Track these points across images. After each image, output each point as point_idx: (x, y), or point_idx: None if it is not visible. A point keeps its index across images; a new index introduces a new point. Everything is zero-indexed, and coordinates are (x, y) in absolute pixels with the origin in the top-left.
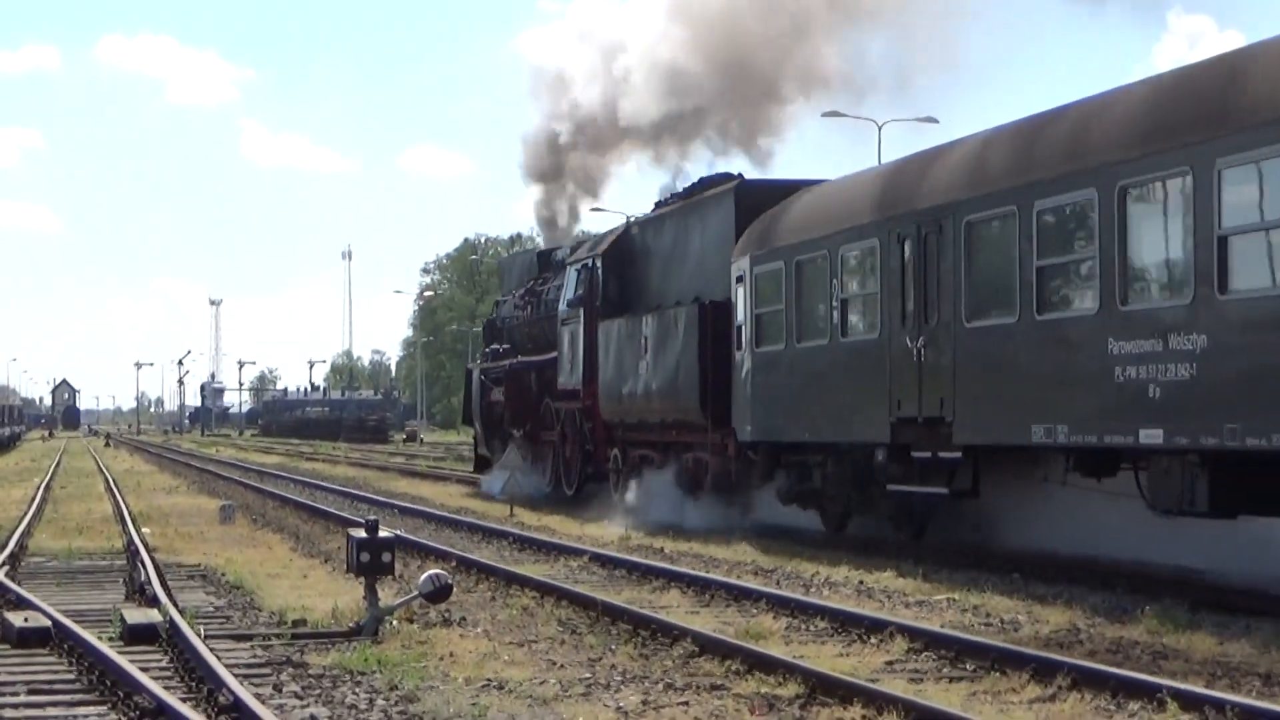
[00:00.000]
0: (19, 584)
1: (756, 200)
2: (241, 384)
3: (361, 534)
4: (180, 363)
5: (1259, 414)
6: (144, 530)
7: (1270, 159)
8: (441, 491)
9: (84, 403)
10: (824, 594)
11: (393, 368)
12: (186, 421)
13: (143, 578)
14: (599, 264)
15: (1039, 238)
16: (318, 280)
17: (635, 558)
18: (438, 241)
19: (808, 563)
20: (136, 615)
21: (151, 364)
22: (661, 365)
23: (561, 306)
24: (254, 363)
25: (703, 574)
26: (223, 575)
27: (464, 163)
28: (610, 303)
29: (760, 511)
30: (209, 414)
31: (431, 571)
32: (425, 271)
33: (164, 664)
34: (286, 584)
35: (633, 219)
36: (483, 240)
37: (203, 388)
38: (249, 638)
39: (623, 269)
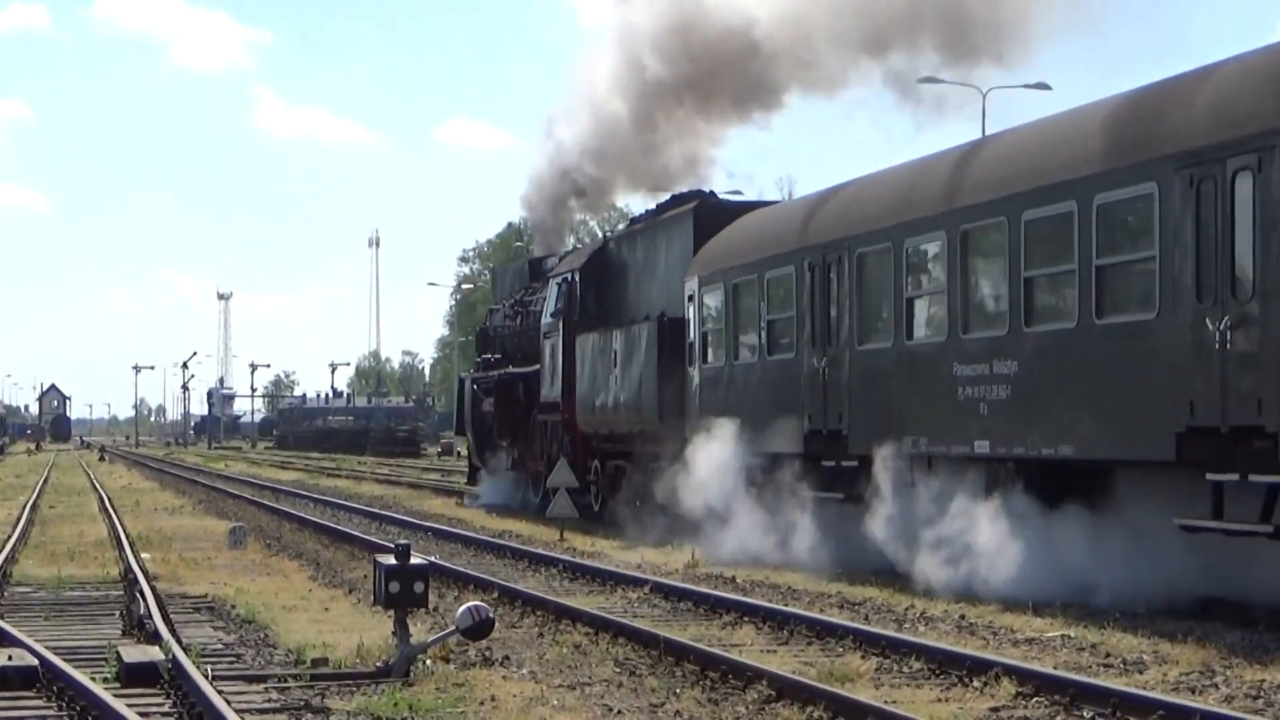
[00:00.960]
0: (2, 617)
1: (715, 220)
2: (254, 390)
3: (391, 561)
4: (185, 366)
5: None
6: (143, 556)
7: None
8: (480, 513)
9: (75, 411)
10: (919, 630)
11: (426, 371)
12: (191, 432)
13: (142, 610)
14: (577, 278)
15: (909, 272)
16: (341, 271)
17: (703, 588)
18: (478, 226)
19: (901, 595)
20: (135, 653)
21: (152, 367)
22: (628, 378)
23: (544, 319)
24: (268, 365)
25: (780, 607)
26: (233, 608)
27: (508, 137)
28: (588, 316)
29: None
30: (217, 424)
31: (470, 604)
32: (463, 260)
33: (166, 709)
34: (305, 618)
35: (609, 234)
36: (528, 224)
37: (210, 394)
38: (262, 679)
39: (600, 283)
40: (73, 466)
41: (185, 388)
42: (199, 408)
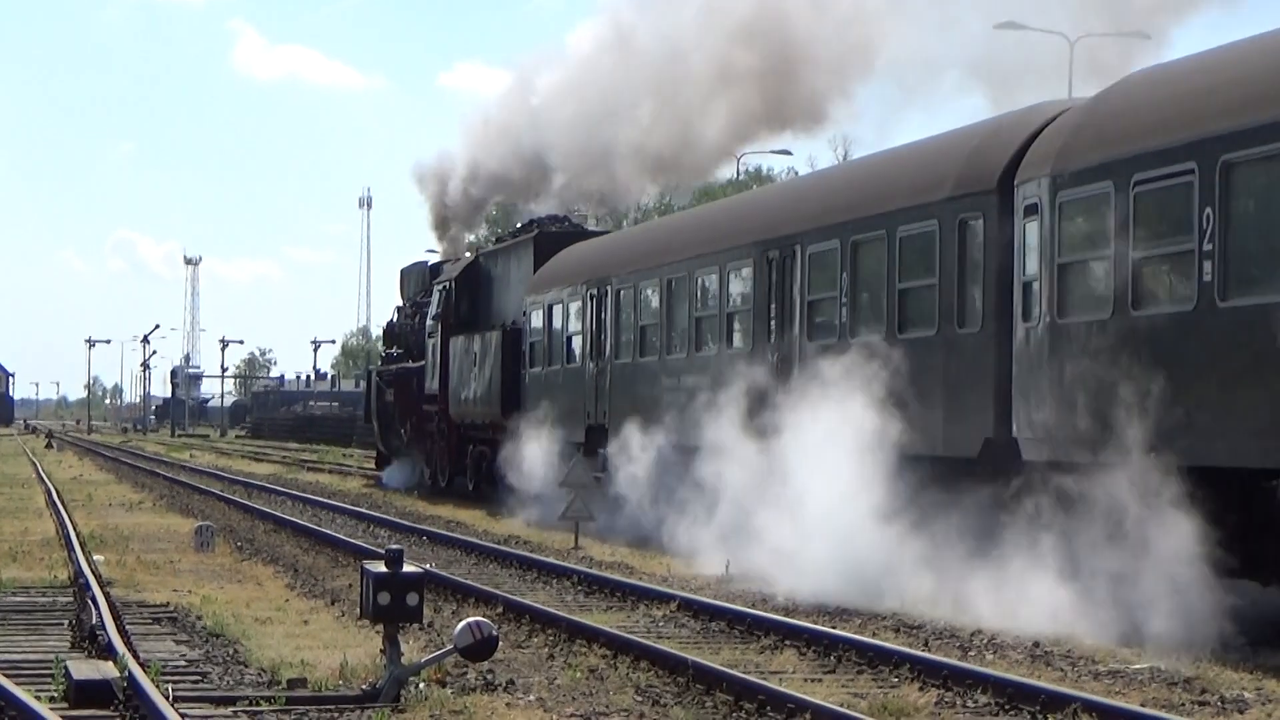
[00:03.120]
0: None
1: (553, 247)
2: (224, 369)
3: (380, 568)
4: (145, 340)
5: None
6: (96, 558)
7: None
8: (484, 515)
9: (19, 391)
10: (987, 658)
11: None
12: (152, 417)
13: (94, 620)
14: (453, 286)
15: (646, 304)
16: (327, 235)
17: (738, 606)
18: None
19: (966, 617)
20: (85, 669)
21: (108, 341)
22: (483, 376)
23: (428, 320)
24: (241, 342)
25: (827, 629)
26: (198, 619)
27: None
28: (460, 320)
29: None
30: (181, 407)
31: (471, 620)
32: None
33: None
34: (281, 631)
35: (480, 250)
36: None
37: (174, 373)
38: (231, 701)
39: (472, 292)
40: (15, 454)
41: (145, 366)
42: (161, 389)
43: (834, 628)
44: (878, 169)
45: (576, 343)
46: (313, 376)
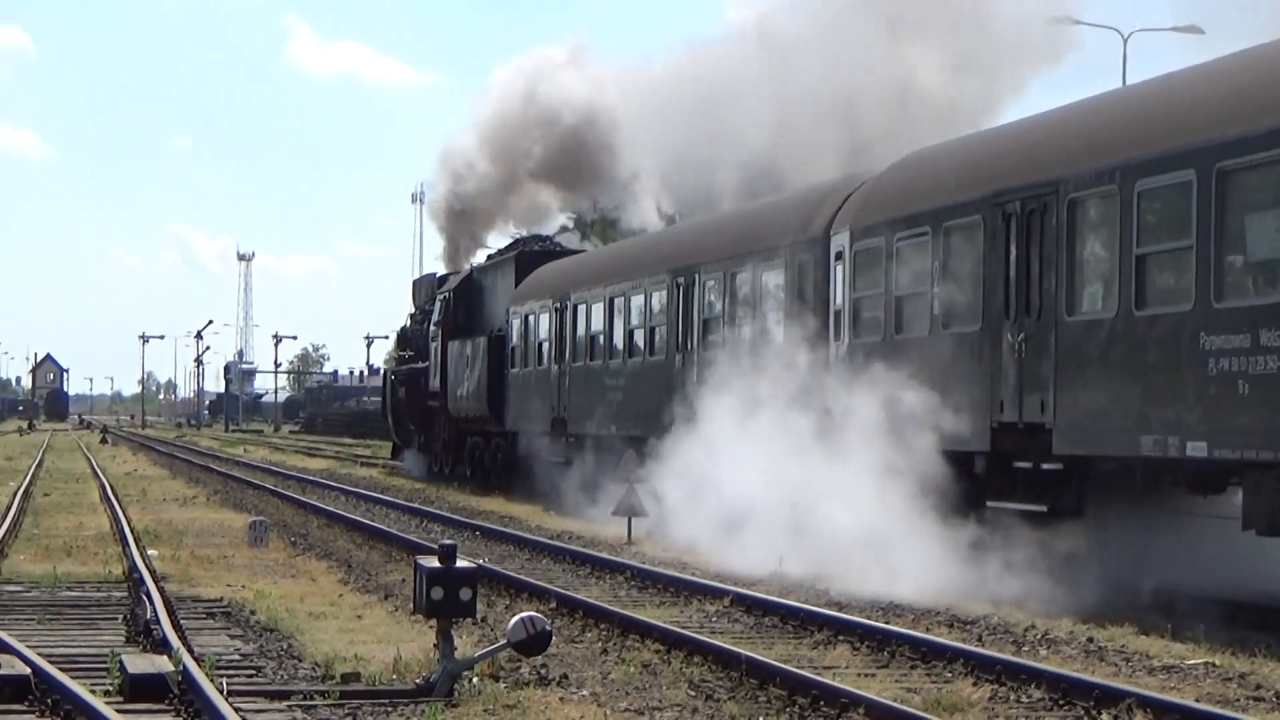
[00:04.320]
0: None
1: (532, 264)
2: (277, 365)
3: (434, 563)
4: (199, 336)
5: None
6: (150, 553)
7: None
8: (537, 510)
9: (73, 386)
10: (1040, 654)
11: None
12: (206, 412)
13: (148, 614)
14: (452, 297)
15: (592, 316)
16: (380, 230)
17: (791, 601)
18: None
19: (1020, 613)
20: (140, 663)
21: (162, 337)
22: (474, 377)
23: (432, 326)
24: (294, 337)
25: (881, 624)
26: (252, 613)
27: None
28: (459, 327)
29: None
30: (235, 403)
31: (524, 614)
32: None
33: None
34: (335, 626)
35: (475, 265)
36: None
37: (227, 369)
38: (285, 695)
39: (468, 302)
40: (70, 449)
41: (199, 361)
42: (215, 384)
43: (887, 623)
44: (748, 217)
45: (546, 348)
46: (366, 372)
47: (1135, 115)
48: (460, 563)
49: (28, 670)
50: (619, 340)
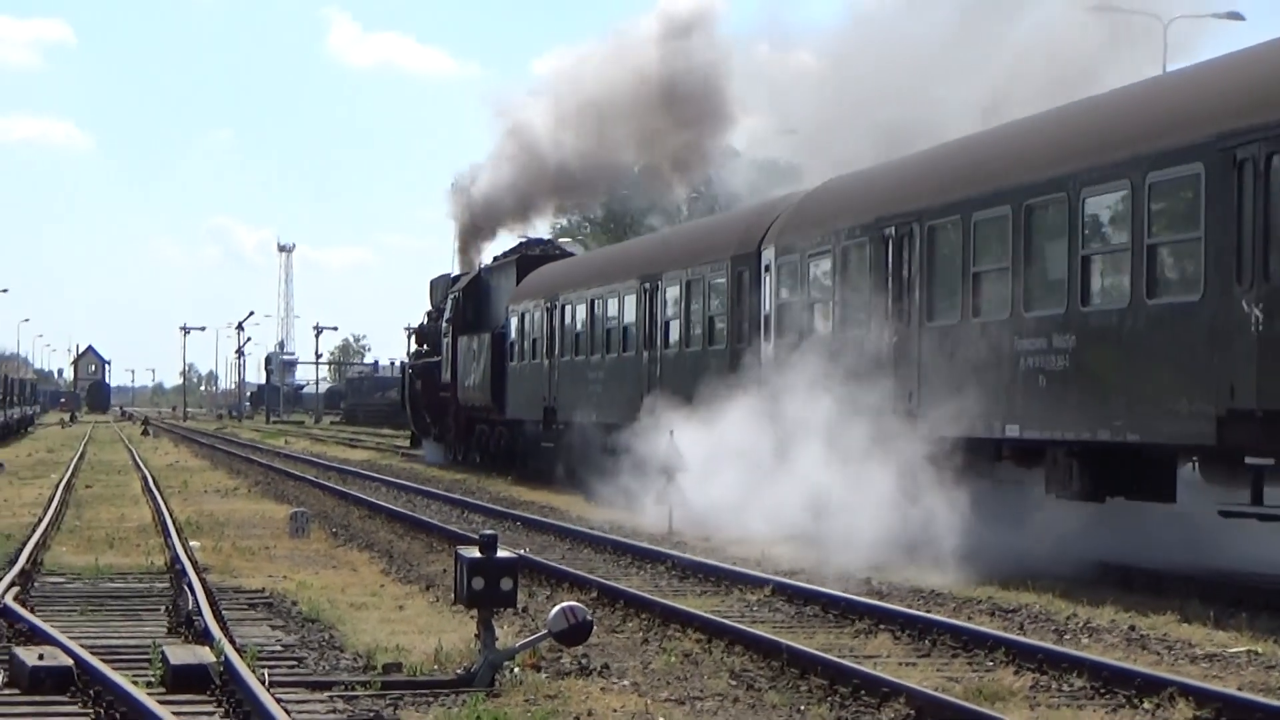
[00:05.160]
0: (32, 611)
1: (531, 266)
2: (319, 356)
3: (475, 553)
4: (240, 327)
5: None
6: (192, 544)
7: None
8: (578, 500)
9: (115, 378)
10: (1082, 643)
11: None
12: (247, 403)
13: (190, 605)
14: (461, 295)
15: (580, 311)
16: (420, 221)
17: (833, 590)
18: None
19: (1062, 600)
20: (182, 654)
21: (203, 328)
22: (480, 370)
23: (443, 322)
24: (335, 328)
25: (922, 613)
26: (293, 604)
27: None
28: (468, 324)
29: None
30: (276, 394)
31: (565, 604)
32: (560, 210)
33: (216, 718)
34: (376, 616)
35: (484, 266)
36: (636, 170)
37: (268, 360)
38: (326, 686)
39: (477, 300)
40: (112, 441)
41: (240, 353)
42: (256, 376)
43: (928, 611)
44: (701, 230)
45: (539, 344)
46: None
47: (972, 160)
48: (501, 553)
49: (70, 661)
50: (599, 338)
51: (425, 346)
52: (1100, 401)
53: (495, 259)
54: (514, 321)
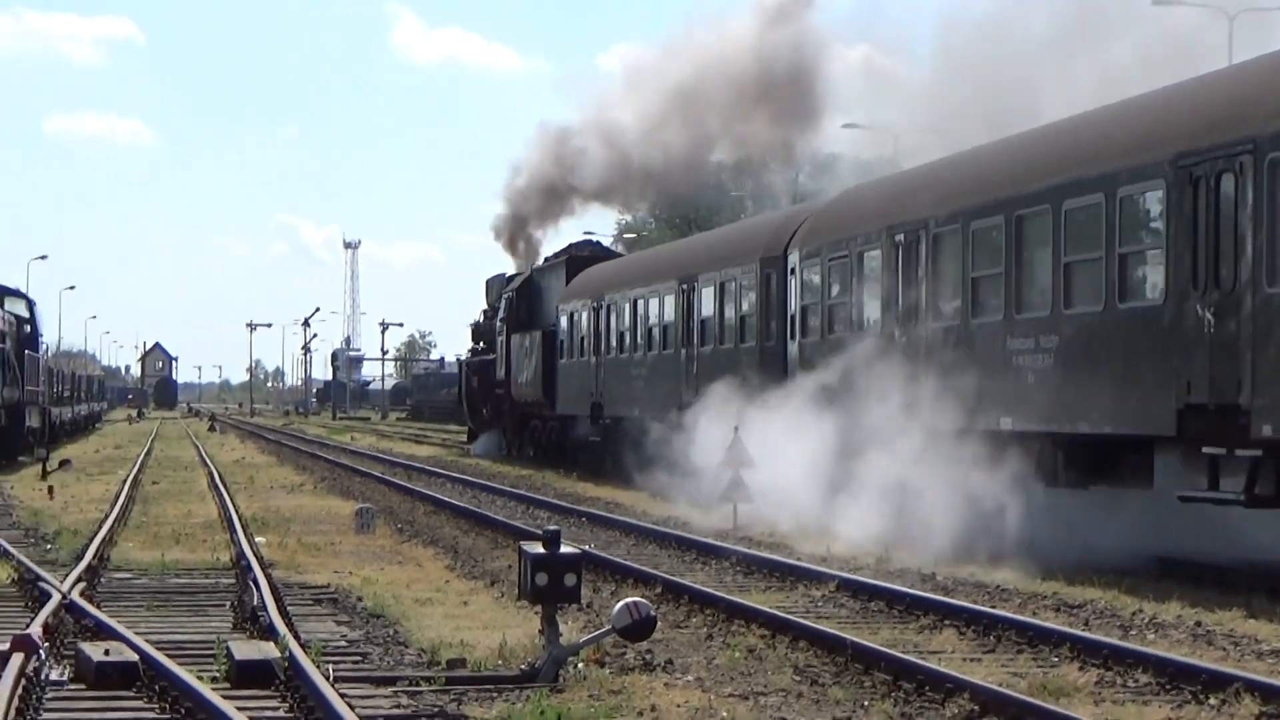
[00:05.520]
0: (99, 606)
1: (580, 267)
2: (385, 352)
3: (539, 549)
4: (306, 324)
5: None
6: (258, 540)
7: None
8: (642, 497)
9: (182, 374)
10: (1148, 638)
11: None
12: (313, 400)
13: (255, 601)
14: (514, 295)
15: (622, 313)
16: (485, 217)
17: (897, 585)
18: None
19: (1128, 596)
20: (247, 649)
21: (269, 325)
22: (532, 366)
23: (498, 321)
24: (401, 324)
25: (986, 609)
26: (358, 600)
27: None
28: (520, 322)
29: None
30: (342, 390)
31: (629, 600)
32: (623, 208)
33: (281, 713)
34: (441, 612)
35: (535, 267)
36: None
37: (334, 356)
38: (390, 681)
39: (529, 300)
40: (179, 437)
41: (306, 349)
42: (322, 372)
43: (993, 607)
44: (733, 235)
45: (586, 342)
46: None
47: (969, 174)
48: (564, 548)
49: (135, 657)
50: (641, 336)
51: (481, 344)
52: (1081, 396)
53: (546, 260)
54: (563, 320)
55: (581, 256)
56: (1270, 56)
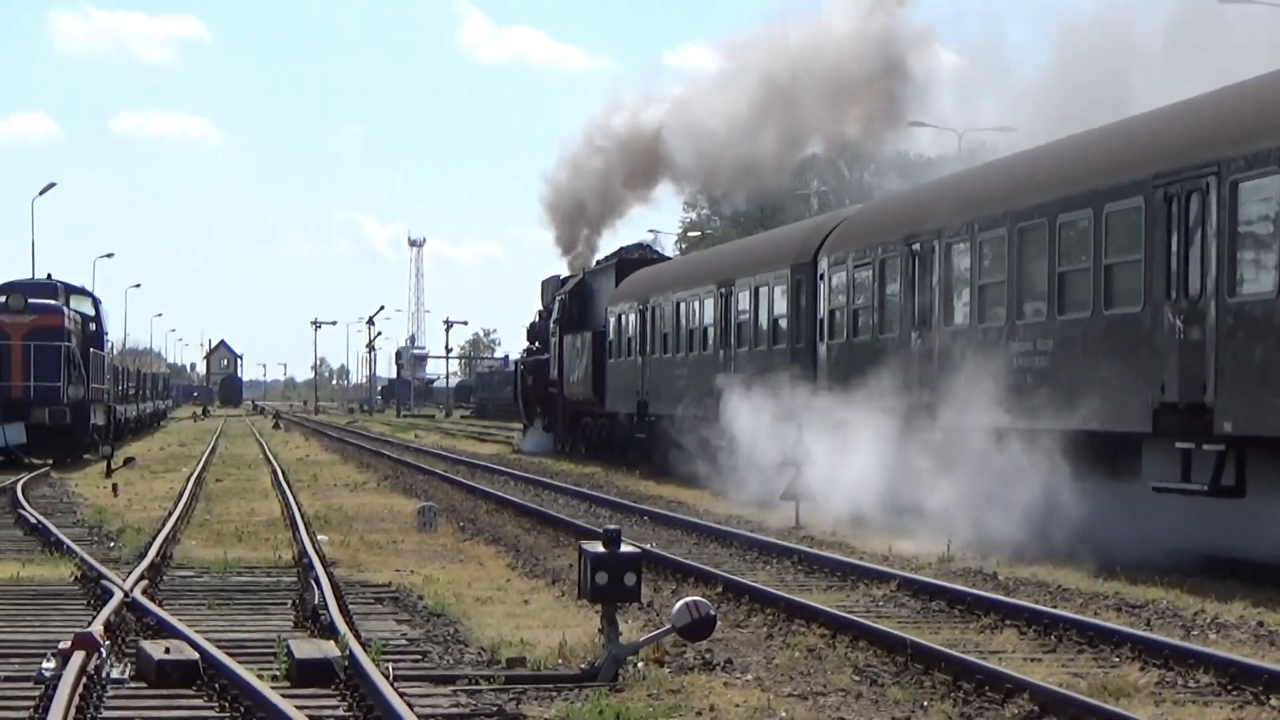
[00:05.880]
0: (160, 605)
1: (629, 270)
2: (449, 350)
3: (599, 548)
4: (370, 322)
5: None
6: (320, 538)
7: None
8: (705, 495)
9: (247, 372)
10: (1210, 638)
11: None
12: (378, 397)
13: (317, 599)
14: (567, 298)
15: (652, 319)
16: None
17: (958, 585)
18: None
19: (1189, 595)
20: (308, 648)
21: (334, 323)
22: (583, 366)
23: (551, 322)
24: (465, 323)
25: (1047, 609)
26: (419, 598)
27: None
28: (572, 323)
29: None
30: (406, 388)
31: (689, 599)
32: (689, 205)
33: (340, 712)
34: (502, 611)
35: (587, 270)
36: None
37: (399, 354)
38: (450, 680)
39: (581, 302)
40: (243, 434)
41: (371, 347)
42: (386, 370)
43: (1054, 607)
44: (764, 242)
45: (634, 342)
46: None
47: (968, 191)
48: (625, 547)
49: (196, 655)
50: (683, 336)
51: (536, 344)
52: (1071, 396)
53: (597, 263)
54: (612, 321)
55: (631, 260)
56: (1235, 86)
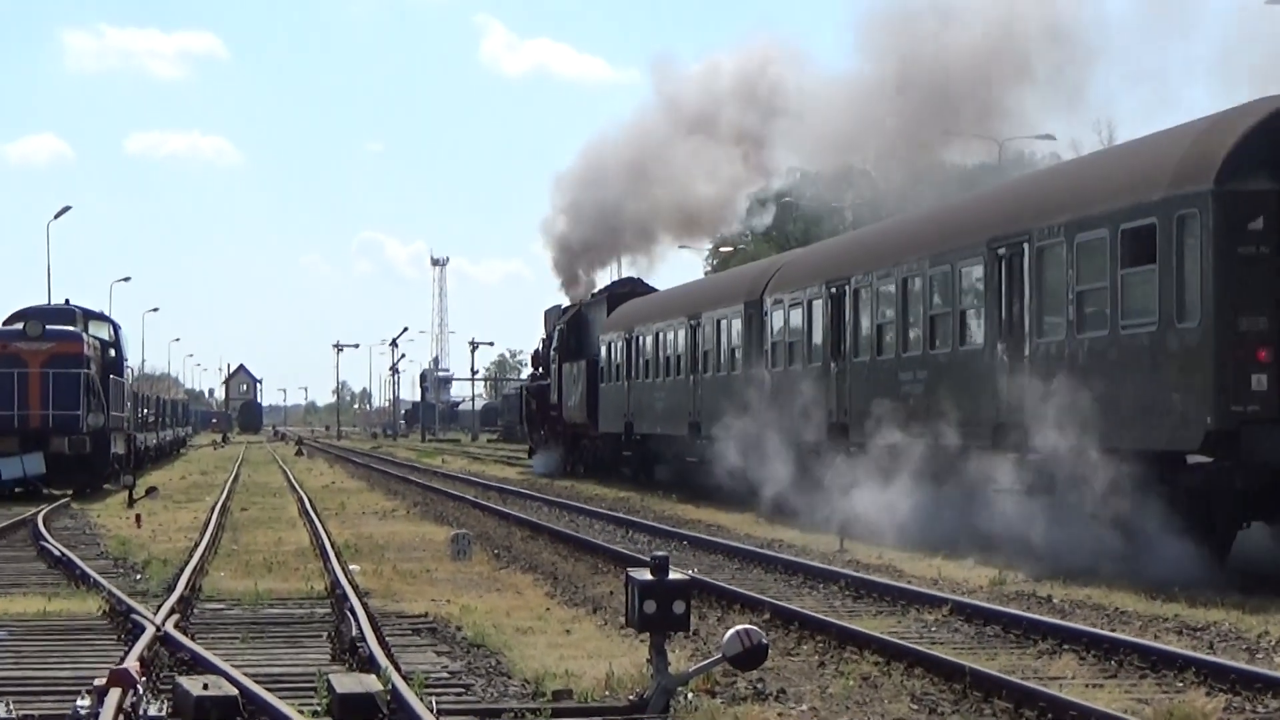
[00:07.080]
0: (193, 638)
1: (618, 301)
2: (474, 372)
3: (646, 575)
4: (394, 344)
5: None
6: (352, 568)
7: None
8: (746, 519)
9: (267, 397)
10: (1275, 661)
11: None
12: (402, 422)
13: (354, 632)
14: (565, 327)
15: (640, 344)
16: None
17: (1013, 609)
18: None
19: (1251, 617)
20: (348, 682)
21: (356, 346)
22: (579, 392)
23: (551, 350)
24: (490, 344)
25: (1107, 632)
26: (458, 629)
27: None
28: (570, 351)
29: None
30: (431, 412)
31: (739, 627)
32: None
33: None
34: (543, 641)
35: (584, 301)
36: (799, 176)
37: (423, 377)
38: (496, 714)
39: (578, 331)
40: (266, 462)
41: (394, 369)
42: (410, 393)
43: (1114, 630)
44: (724, 280)
45: (621, 368)
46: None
47: (869, 246)
48: (673, 575)
49: (235, 691)
50: (661, 363)
51: (540, 370)
52: (939, 416)
53: (593, 295)
54: (604, 349)
55: (621, 293)
56: (1047, 171)
